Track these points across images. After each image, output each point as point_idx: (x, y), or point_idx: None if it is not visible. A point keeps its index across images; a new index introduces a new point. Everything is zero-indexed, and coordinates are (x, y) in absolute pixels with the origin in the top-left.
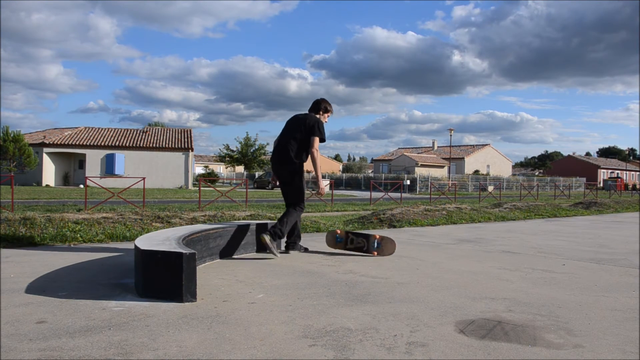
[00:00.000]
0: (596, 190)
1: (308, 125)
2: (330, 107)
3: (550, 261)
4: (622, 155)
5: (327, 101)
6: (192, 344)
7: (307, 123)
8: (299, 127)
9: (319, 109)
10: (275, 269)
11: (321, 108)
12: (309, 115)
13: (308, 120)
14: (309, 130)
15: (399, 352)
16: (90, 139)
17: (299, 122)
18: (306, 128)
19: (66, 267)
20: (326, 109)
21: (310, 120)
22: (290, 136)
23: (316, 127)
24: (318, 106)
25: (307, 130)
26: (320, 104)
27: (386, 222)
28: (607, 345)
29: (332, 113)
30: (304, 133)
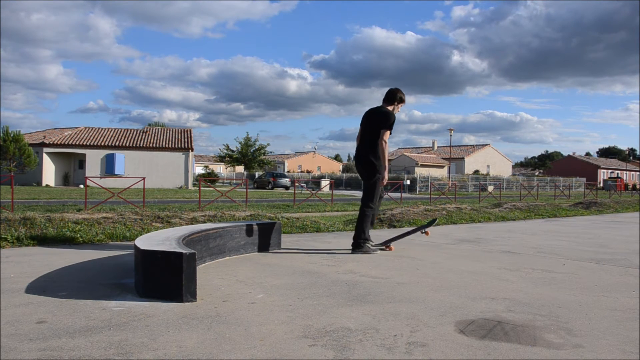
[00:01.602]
0: (596, 190)
1: (377, 119)
2: (404, 97)
3: (550, 261)
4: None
5: (401, 91)
6: (192, 344)
7: (376, 118)
8: (371, 124)
9: (395, 99)
10: (275, 269)
11: (396, 98)
12: (379, 108)
13: (378, 115)
14: (378, 124)
15: (399, 352)
16: (90, 139)
17: (371, 117)
18: (377, 122)
19: (66, 267)
20: (401, 99)
21: (379, 114)
22: (365, 134)
23: (384, 119)
24: (393, 96)
25: (377, 124)
26: (396, 94)
27: (386, 222)
28: (607, 345)
29: (405, 103)
30: (376, 127)
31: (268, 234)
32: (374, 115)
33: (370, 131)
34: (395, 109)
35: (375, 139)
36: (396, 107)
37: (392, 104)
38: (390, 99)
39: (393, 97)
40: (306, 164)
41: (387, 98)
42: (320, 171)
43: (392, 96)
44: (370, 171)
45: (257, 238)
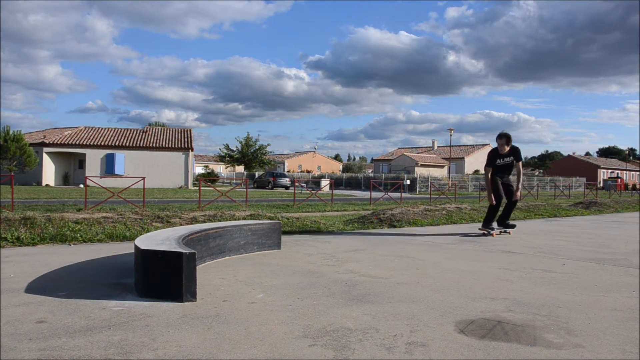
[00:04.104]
0: (596, 190)
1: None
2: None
3: (550, 261)
4: (622, 155)
5: (499, 134)
6: (192, 344)
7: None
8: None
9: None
10: (275, 269)
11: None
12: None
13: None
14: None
15: (399, 352)
16: (90, 138)
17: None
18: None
19: (66, 267)
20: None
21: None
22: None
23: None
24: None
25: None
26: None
27: (386, 221)
28: (607, 345)
29: (499, 142)
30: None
31: (268, 234)
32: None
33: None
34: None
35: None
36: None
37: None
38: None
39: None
40: (306, 163)
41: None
42: (320, 171)
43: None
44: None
45: (257, 238)
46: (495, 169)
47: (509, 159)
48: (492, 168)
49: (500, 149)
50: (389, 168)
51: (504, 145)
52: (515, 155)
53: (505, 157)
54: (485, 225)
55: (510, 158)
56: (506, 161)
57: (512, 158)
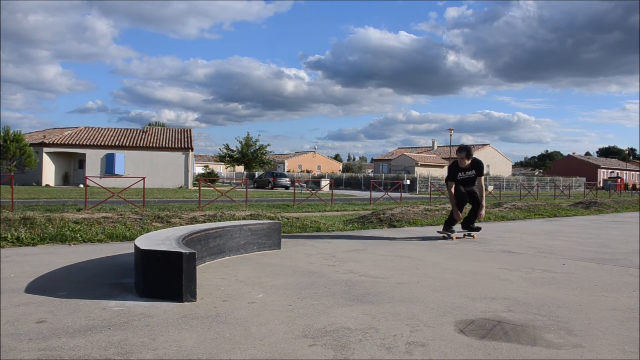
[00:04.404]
0: (596, 190)
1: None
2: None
3: (550, 261)
4: (622, 155)
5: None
6: (192, 344)
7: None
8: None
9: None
10: (275, 268)
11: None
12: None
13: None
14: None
15: (399, 352)
16: (90, 138)
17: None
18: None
19: (66, 267)
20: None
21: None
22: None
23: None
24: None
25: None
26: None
27: (386, 221)
28: (607, 345)
29: (459, 156)
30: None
31: (268, 234)
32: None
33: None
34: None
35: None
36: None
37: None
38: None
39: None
40: (306, 163)
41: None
42: (320, 171)
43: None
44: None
45: (257, 238)
46: (457, 182)
47: (471, 172)
48: (454, 182)
49: (460, 163)
50: (389, 168)
51: (464, 158)
52: (476, 169)
53: (467, 171)
54: (446, 228)
55: (472, 172)
56: (468, 175)
57: (474, 172)
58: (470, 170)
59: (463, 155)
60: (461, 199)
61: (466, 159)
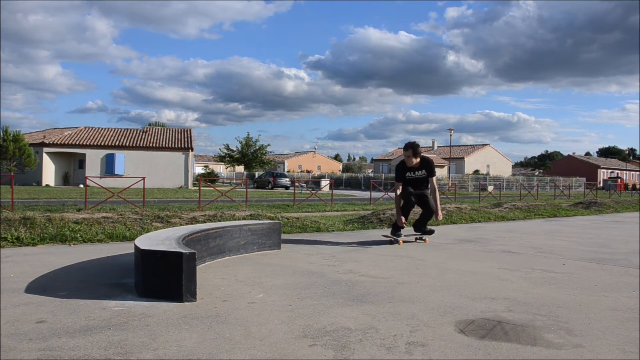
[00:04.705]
0: (596, 190)
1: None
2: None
3: (550, 261)
4: (622, 155)
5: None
6: (192, 344)
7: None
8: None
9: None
10: (275, 269)
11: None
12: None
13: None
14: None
15: (399, 352)
16: (90, 138)
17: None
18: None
19: (66, 267)
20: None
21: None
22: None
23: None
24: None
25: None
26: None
27: (386, 221)
28: (607, 345)
29: (405, 154)
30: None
31: (268, 234)
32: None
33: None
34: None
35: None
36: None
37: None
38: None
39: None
40: (306, 163)
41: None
42: (320, 171)
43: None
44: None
45: (257, 238)
46: (406, 183)
47: (421, 172)
48: (402, 183)
49: (407, 162)
50: (389, 168)
51: (410, 157)
52: (427, 169)
53: (416, 171)
54: (393, 232)
55: (422, 172)
56: (417, 175)
57: (424, 172)
58: (419, 170)
59: (409, 153)
60: (408, 203)
61: (413, 157)
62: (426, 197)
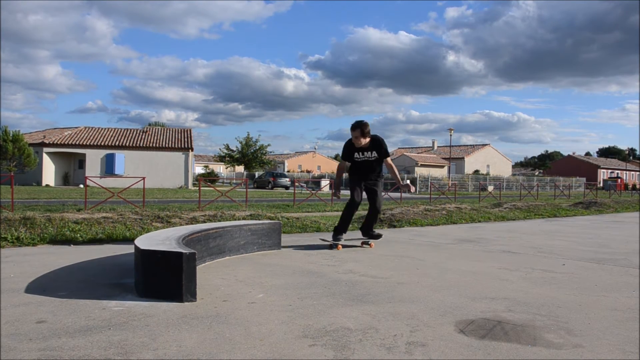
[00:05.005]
0: (596, 190)
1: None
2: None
3: (550, 261)
4: (622, 155)
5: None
6: (192, 344)
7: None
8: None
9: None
10: (275, 269)
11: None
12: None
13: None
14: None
15: (399, 352)
16: (90, 138)
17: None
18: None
19: (66, 267)
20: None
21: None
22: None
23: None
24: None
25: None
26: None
27: (386, 222)
28: (607, 345)
29: (353, 135)
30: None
31: (268, 234)
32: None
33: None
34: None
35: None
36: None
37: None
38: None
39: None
40: (306, 163)
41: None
42: (320, 171)
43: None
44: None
45: (257, 238)
46: (354, 167)
47: (371, 154)
48: (351, 164)
49: (355, 143)
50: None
51: (359, 137)
52: (378, 150)
53: (365, 152)
54: (333, 236)
55: (372, 153)
56: (367, 156)
57: (374, 153)
58: (369, 151)
59: (357, 133)
60: (352, 203)
61: (362, 137)
62: (375, 193)
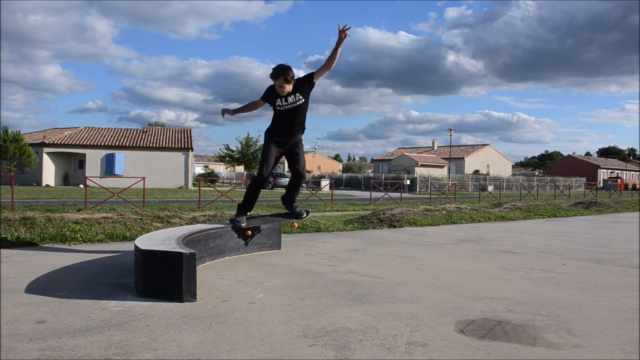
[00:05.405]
0: (596, 190)
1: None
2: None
3: (550, 261)
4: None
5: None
6: (192, 344)
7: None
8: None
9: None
10: (275, 269)
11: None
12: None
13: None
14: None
15: (399, 352)
16: (90, 138)
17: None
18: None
19: (66, 267)
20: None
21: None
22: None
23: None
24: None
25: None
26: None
27: (386, 222)
28: (607, 345)
29: (276, 84)
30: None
31: (268, 234)
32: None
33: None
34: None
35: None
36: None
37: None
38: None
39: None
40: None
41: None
42: (320, 171)
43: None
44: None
45: (257, 238)
46: (276, 117)
47: (296, 97)
48: (273, 116)
49: (279, 91)
50: (389, 168)
51: (282, 85)
52: (301, 90)
53: (289, 96)
54: (237, 214)
55: (296, 96)
56: (292, 102)
57: (300, 97)
58: (294, 95)
59: (281, 81)
60: (260, 178)
61: (285, 84)
62: (297, 155)
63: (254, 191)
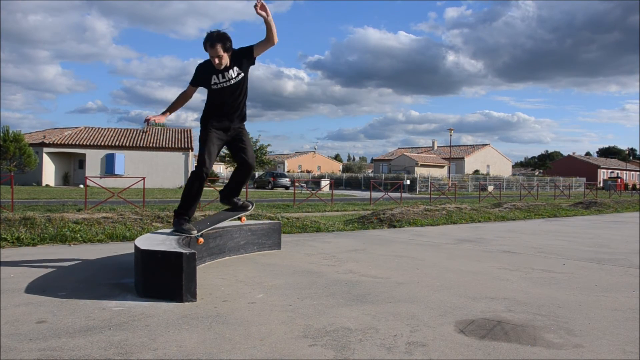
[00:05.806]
0: (596, 190)
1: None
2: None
3: (550, 261)
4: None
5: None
6: (192, 344)
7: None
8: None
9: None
10: (275, 269)
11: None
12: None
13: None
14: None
15: (399, 352)
16: (90, 138)
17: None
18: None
19: (66, 267)
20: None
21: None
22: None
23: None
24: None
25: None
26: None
27: (386, 222)
28: (607, 345)
29: (211, 54)
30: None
31: (268, 234)
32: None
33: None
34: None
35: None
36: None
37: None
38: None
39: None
40: (306, 163)
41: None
42: (320, 171)
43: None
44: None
45: (257, 238)
46: (212, 98)
47: (235, 72)
48: (208, 97)
49: (215, 64)
50: (389, 168)
51: (220, 55)
52: (240, 58)
53: (226, 72)
54: (177, 223)
55: (236, 70)
56: (229, 78)
57: (237, 70)
58: (233, 69)
59: (215, 50)
60: (199, 172)
61: (224, 52)
62: (243, 143)
63: (196, 190)
